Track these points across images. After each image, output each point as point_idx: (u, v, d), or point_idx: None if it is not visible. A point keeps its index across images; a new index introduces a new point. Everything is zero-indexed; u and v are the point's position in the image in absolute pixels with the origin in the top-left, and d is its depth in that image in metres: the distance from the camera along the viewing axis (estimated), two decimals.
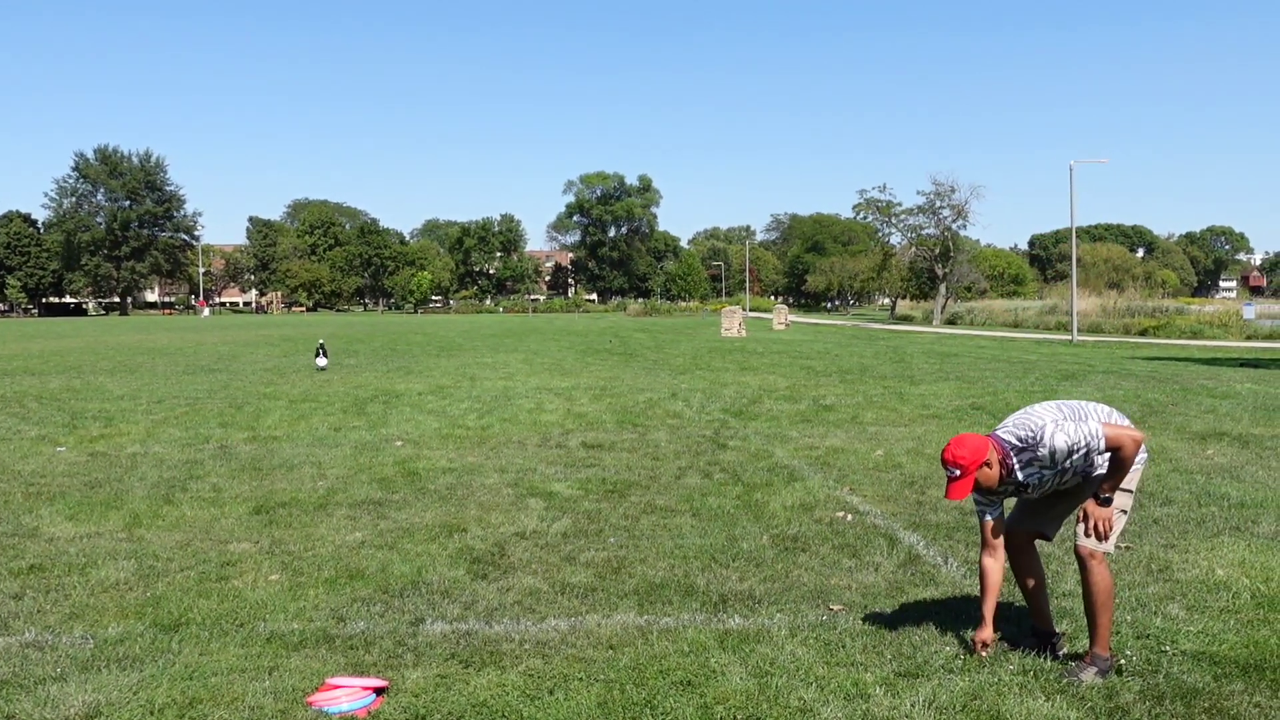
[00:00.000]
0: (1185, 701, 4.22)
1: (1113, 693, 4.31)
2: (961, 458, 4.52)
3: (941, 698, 4.27)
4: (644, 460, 10.36)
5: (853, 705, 4.22)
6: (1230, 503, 8.13)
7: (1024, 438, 4.56)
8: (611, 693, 4.36)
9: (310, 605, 5.59)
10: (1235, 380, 19.93)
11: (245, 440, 11.74)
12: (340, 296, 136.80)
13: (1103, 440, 4.43)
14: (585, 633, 5.12)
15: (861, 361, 25.75)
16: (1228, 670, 4.54)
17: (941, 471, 9.59)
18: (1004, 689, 4.36)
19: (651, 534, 7.20)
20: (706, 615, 5.41)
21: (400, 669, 4.66)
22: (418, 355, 28.69)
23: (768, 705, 4.23)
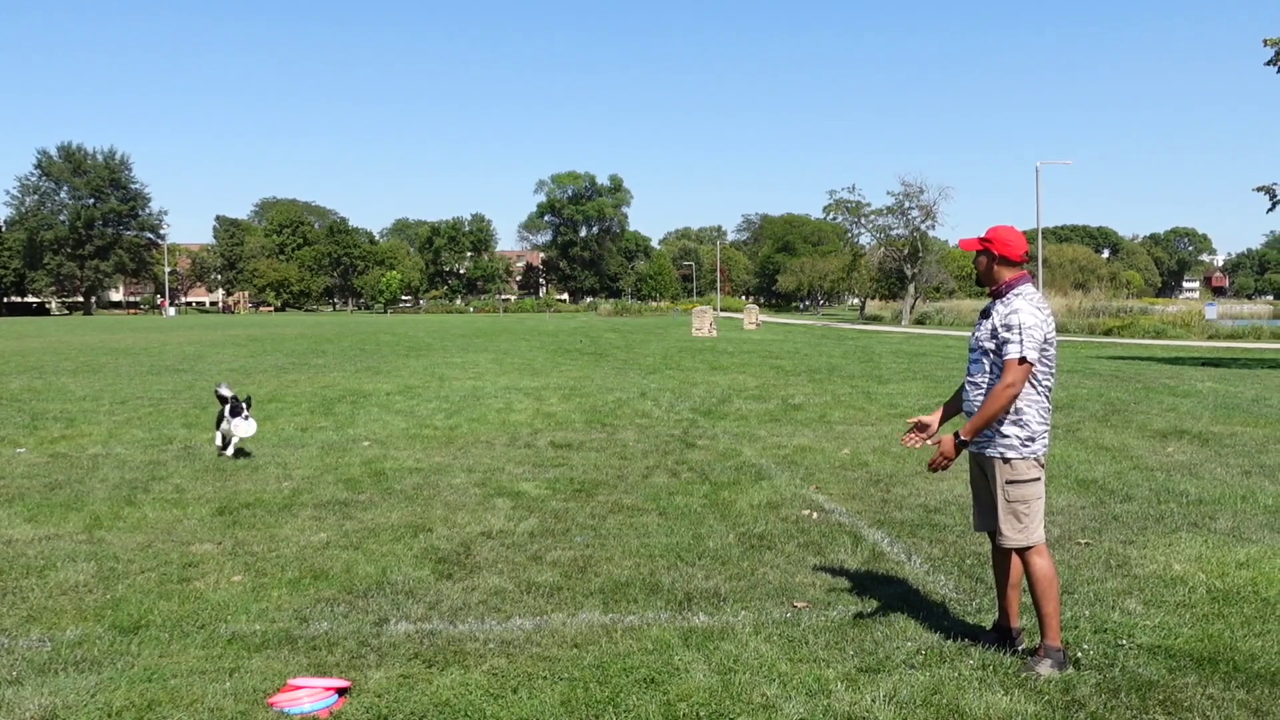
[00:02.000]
0: (1140, 694, 4.28)
1: (1069, 686, 4.37)
2: (996, 231, 4.80)
3: (902, 693, 4.31)
4: (612, 460, 10.36)
5: (814, 701, 4.25)
6: (1189, 499, 8.25)
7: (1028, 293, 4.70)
8: (575, 691, 4.37)
9: (273, 606, 5.55)
10: (1196, 379, 20.20)
11: (210, 441, 11.63)
12: (309, 296, 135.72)
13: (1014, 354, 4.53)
14: (550, 632, 5.13)
15: (830, 361, 25.88)
16: (1182, 663, 4.61)
17: (905, 469, 9.69)
18: (963, 683, 4.41)
19: (618, 533, 7.21)
20: (671, 613, 5.43)
21: (363, 669, 4.64)
22: (386, 355, 28.55)
23: (730, 702, 4.25)
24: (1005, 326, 4.62)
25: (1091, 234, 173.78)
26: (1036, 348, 4.57)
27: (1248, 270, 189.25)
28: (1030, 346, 4.55)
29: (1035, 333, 4.56)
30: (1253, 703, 4.20)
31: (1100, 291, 71.98)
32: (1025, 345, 4.54)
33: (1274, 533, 7.13)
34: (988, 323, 4.77)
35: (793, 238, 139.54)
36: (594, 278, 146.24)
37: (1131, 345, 37.71)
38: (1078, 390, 17.32)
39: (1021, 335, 4.55)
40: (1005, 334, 4.61)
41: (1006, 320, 4.63)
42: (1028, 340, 4.55)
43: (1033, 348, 4.55)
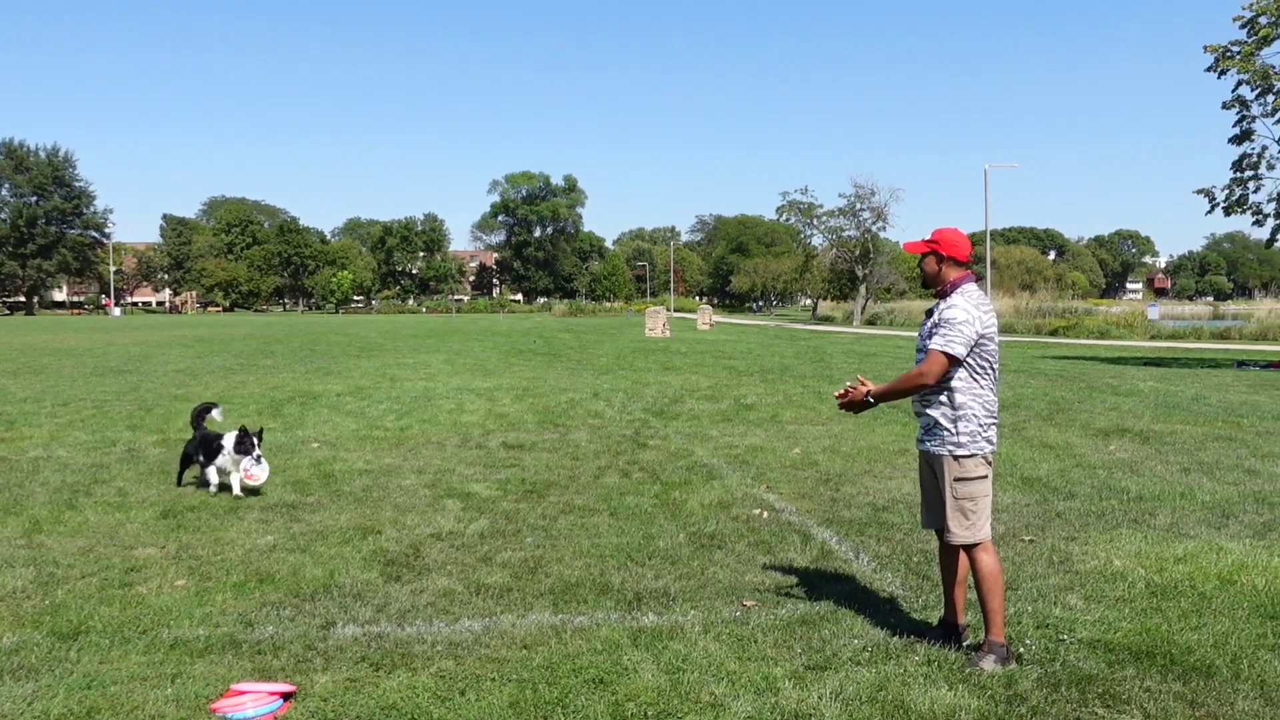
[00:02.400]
0: (1080, 688, 4.36)
1: (1012, 681, 4.44)
2: (941, 233, 4.93)
3: (848, 689, 4.35)
4: (564, 460, 10.35)
5: (762, 699, 4.28)
6: (1130, 496, 8.41)
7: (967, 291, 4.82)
8: (523, 692, 4.36)
9: (217, 610, 5.48)
10: (1138, 379, 20.60)
11: (155, 443, 11.46)
12: (258, 296, 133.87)
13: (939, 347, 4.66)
14: (499, 633, 5.11)
15: (783, 361, 26.04)
16: (1121, 657, 4.71)
17: (854, 468, 9.78)
18: (909, 679, 4.46)
19: (569, 533, 7.21)
20: (621, 613, 5.43)
21: (309, 673, 4.60)
22: (337, 356, 28.26)
23: (679, 701, 4.26)
24: (940, 322, 4.73)
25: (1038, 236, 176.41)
26: (965, 344, 4.66)
27: (1189, 272, 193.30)
28: (957, 343, 4.64)
29: (966, 329, 4.66)
30: (1188, 694, 4.30)
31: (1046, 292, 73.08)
32: (951, 341, 4.64)
33: (1211, 528, 7.29)
34: (929, 321, 4.87)
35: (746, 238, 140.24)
36: (548, 278, 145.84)
37: (1076, 345, 38.37)
38: (1024, 390, 17.58)
39: (951, 330, 4.66)
40: (937, 328, 4.72)
41: (942, 315, 4.74)
42: (956, 336, 4.65)
43: (959, 344, 4.65)
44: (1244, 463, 10.03)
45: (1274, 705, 4.19)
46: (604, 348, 33.23)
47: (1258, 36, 25.74)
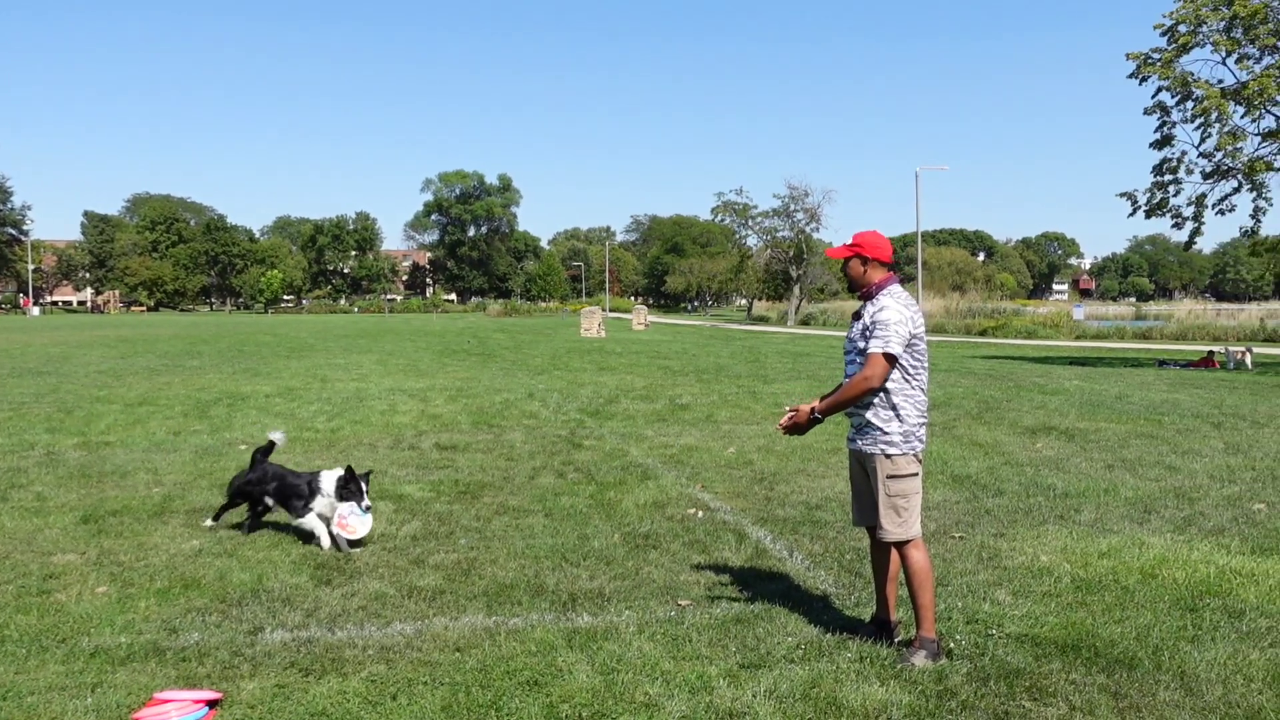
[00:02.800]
0: (1008, 682, 4.44)
1: (942, 676, 4.50)
2: (863, 236, 5.00)
3: (782, 687, 4.37)
4: (498, 461, 10.28)
5: (697, 698, 4.28)
6: (1056, 493, 8.59)
7: (894, 291, 4.88)
8: (456, 696, 4.31)
9: (140, 617, 5.34)
10: (1064, 378, 21.09)
11: (75, 446, 11.14)
12: (184, 296, 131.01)
13: (878, 349, 4.69)
14: (432, 636, 5.05)
15: (718, 361, 26.17)
16: (1047, 651, 4.80)
17: (788, 467, 9.85)
18: (841, 676, 4.50)
19: (503, 535, 7.15)
20: (556, 614, 5.40)
21: (236, 680, 4.49)
22: (266, 356, 27.76)
23: (613, 701, 4.25)
24: (873, 324, 4.77)
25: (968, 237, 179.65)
26: (901, 343, 4.71)
27: (1112, 273, 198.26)
28: (895, 342, 4.69)
29: (901, 329, 4.71)
30: (1112, 686, 4.39)
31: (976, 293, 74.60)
32: (890, 341, 4.69)
33: (1133, 523, 7.47)
34: (859, 323, 4.90)
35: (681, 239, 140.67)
36: (482, 278, 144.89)
37: (1005, 345, 39.15)
38: (954, 389, 17.88)
39: (887, 331, 4.70)
40: (872, 330, 4.76)
41: (875, 317, 4.78)
42: (893, 337, 4.70)
43: (897, 343, 4.70)
44: (1165, 459, 10.31)
45: (1194, 695, 4.30)
46: (539, 348, 33.10)
47: (1177, 44, 26.51)
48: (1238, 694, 4.30)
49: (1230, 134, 26.08)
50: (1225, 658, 4.70)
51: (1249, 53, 26.05)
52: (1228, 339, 41.65)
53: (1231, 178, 27.22)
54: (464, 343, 36.46)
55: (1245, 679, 4.46)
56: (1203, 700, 4.24)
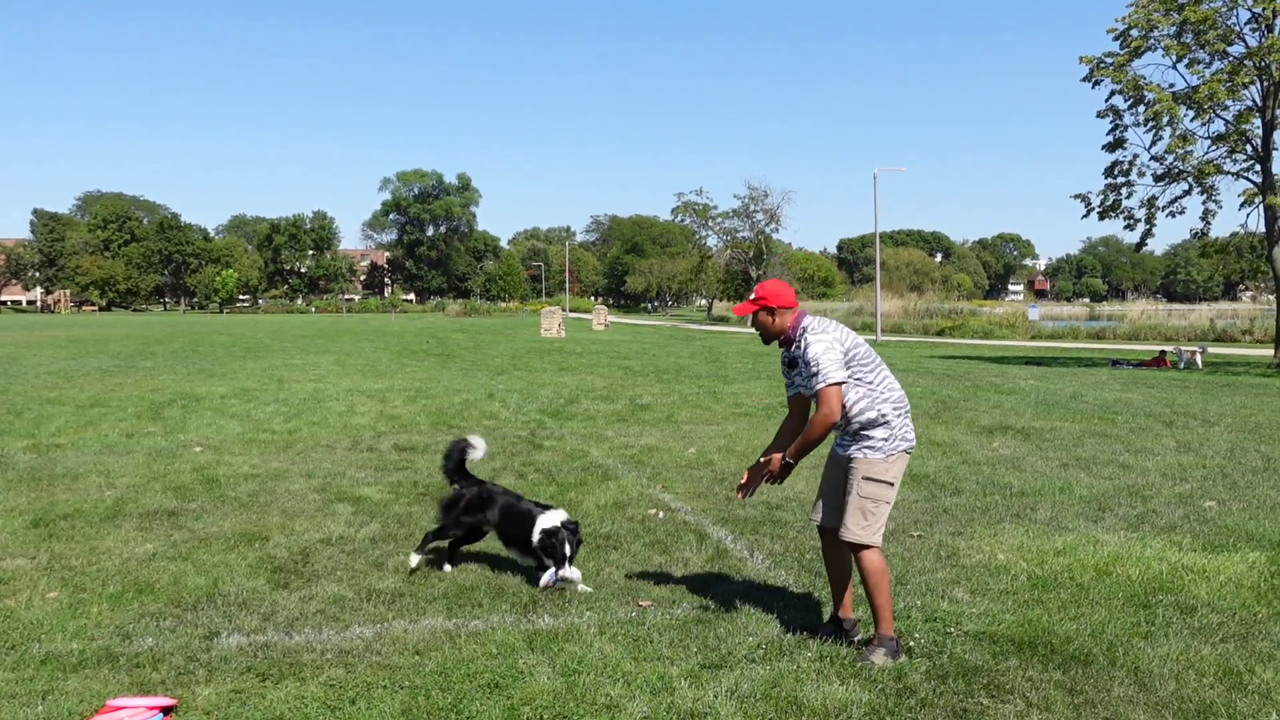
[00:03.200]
0: (966, 679, 4.48)
1: (901, 674, 4.53)
2: (764, 289, 5.04)
3: (743, 687, 4.38)
4: None
5: (658, 699, 4.27)
6: (1012, 492, 8.69)
7: (810, 326, 4.92)
8: (416, 699, 4.27)
9: (92, 623, 5.24)
10: (1020, 377, 21.35)
11: (24, 449, 10.93)
12: (137, 295, 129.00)
13: (822, 383, 4.73)
14: (391, 639, 5.00)
15: (678, 361, 26.21)
16: (1004, 648, 4.85)
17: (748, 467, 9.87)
18: (802, 675, 4.52)
19: None
20: (516, 616, 5.38)
21: (191, 685, 4.43)
22: (221, 357, 27.41)
23: (575, 703, 4.23)
24: (806, 363, 4.83)
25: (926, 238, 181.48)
26: (838, 367, 4.76)
27: (1066, 274, 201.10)
28: (833, 371, 4.73)
29: (832, 354, 4.76)
30: (1068, 682, 4.44)
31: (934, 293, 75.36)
32: (828, 373, 4.73)
33: (1088, 521, 7.58)
34: (795, 372, 5.00)
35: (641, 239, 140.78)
36: (441, 278, 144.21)
37: (962, 345, 39.56)
38: (912, 389, 18.03)
39: (819, 365, 4.75)
40: (807, 369, 4.81)
41: (804, 358, 4.84)
42: (827, 366, 4.74)
43: (837, 369, 4.74)
44: (1118, 458, 10.46)
45: (1147, 690, 4.36)
46: (499, 348, 32.97)
47: (1130, 49, 26.94)
48: (1190, 689, 4.37)
49: (1181, 137, 26.54)
50: (1178, 653, 4.77)
51: (1199, 57, 26.53)
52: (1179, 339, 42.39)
53: (1182, 180, 27.73)
54: (423, 343, 36.23)
55: (1197, 674, 4.53)
56: (1156, 695, 4.31)
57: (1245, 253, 29.17)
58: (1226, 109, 26.46)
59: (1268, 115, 25.82)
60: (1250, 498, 8.46)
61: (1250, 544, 6.87)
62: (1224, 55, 26.16)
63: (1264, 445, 11.41)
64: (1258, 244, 28.12)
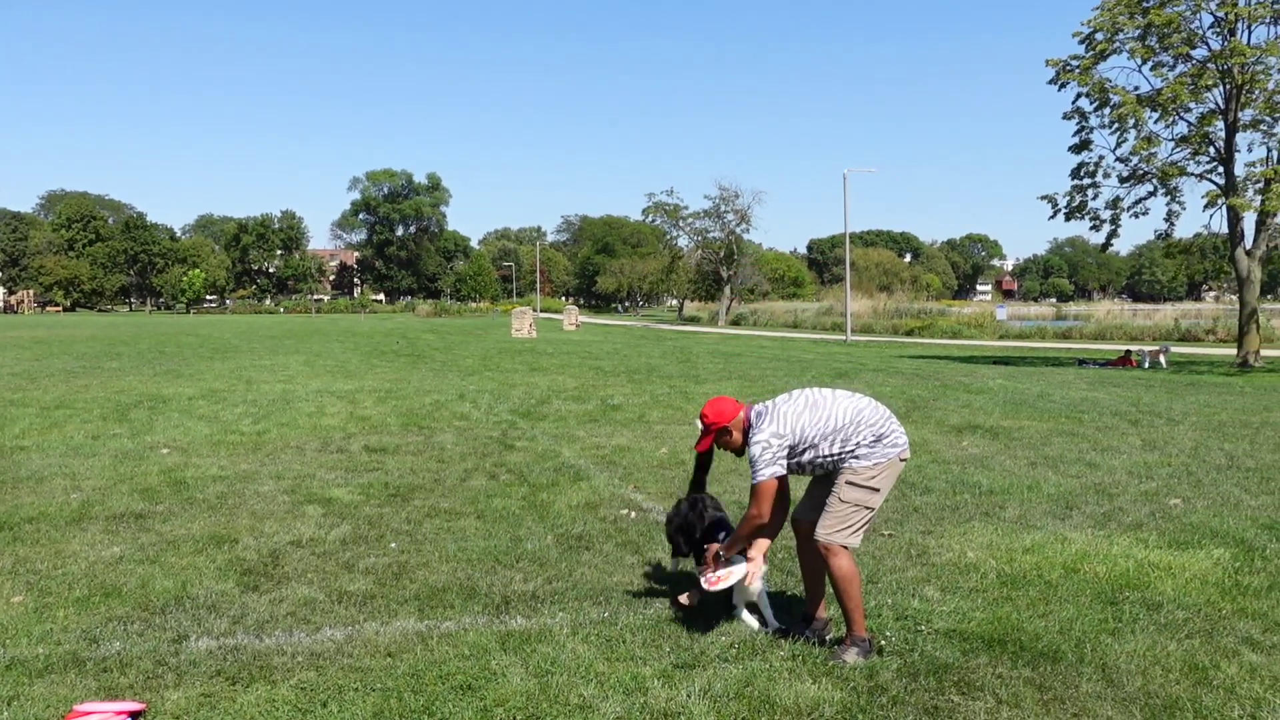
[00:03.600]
0: (937, 676, 4.51)
1: (873, 672, 4.56)
2: (707, 416, 5.10)
3: (716, 687, 4.39)
4: (429, 463, 10.18)
5: (631, 699, 4.28)
6: (981, 490, 8.76)
7: (753, 423, 5.00)
8: (388, 701, 4.25)
9: (58, 627, 5.18)
10: (988, 377, 21.53)
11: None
12: (102, 295, 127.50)
13: (758, 477, 4.83)
14: (363, 641, 4.97)
15: (649, 362, 26.22)
16: (975, 645, 4.89)
17: (720, 468, 9.89)
18: (774, 674, 4.54)
19: (435, 537, 7.08)
20: (489, 617, 5.36)
21: (160, 690, 4.38)
22: (188, 358, 27.13)
23: (548, 704, 4.23)
24: (751, 464, 4.91)
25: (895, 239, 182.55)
26: (781, 462, 4.84)
27: (1033, 275, 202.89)
28: (768, 467, 4.81)
29: (770, 452, 4.82)
30: (1037, 679, 4.49)
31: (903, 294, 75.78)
32: (761, 471, 4.81)
33: (1056, 519, 7.65)
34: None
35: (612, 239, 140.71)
36: (411, 278, 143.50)
37: (931, 345, 39.84)
38: (882, 389, 18.14)
39: (757, 464, 4.84)
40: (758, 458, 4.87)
41: (750, 459, 4.93)
42: (764, 463, 4.82)
43: (775, 466, 4.82)
44: (1085, 456, 10.57)
45: (1114, 686, 4.41)
46: (470, 349, 32.86)
47: (1095, 52, 27.24)
48: (1156, 684, 4.43)
49: (1145, 139, 26.87)
50: (1144, 649, 4.83)
51: (1163, 60, 26.87)
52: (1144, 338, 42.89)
53: (1146, 182, 28.06)
54: (393, 343, 36.05)
55: (1164, 670, 4.59)
56: (1123, 691, 4.36)
57: (1208, 253, 29.57)
58: (1190, 111, 26.83)
59: (1230, 117, 26.19)
60: (1215, 495, 8.58)
61: (1215, 541, 6.97)
62: (1187, 58, 26.52)
63: (1227, 443, 11.58)
64: (1220, 245, 28.52)
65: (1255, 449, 11.14)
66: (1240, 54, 24.99)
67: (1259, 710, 4.19)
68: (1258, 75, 25.55)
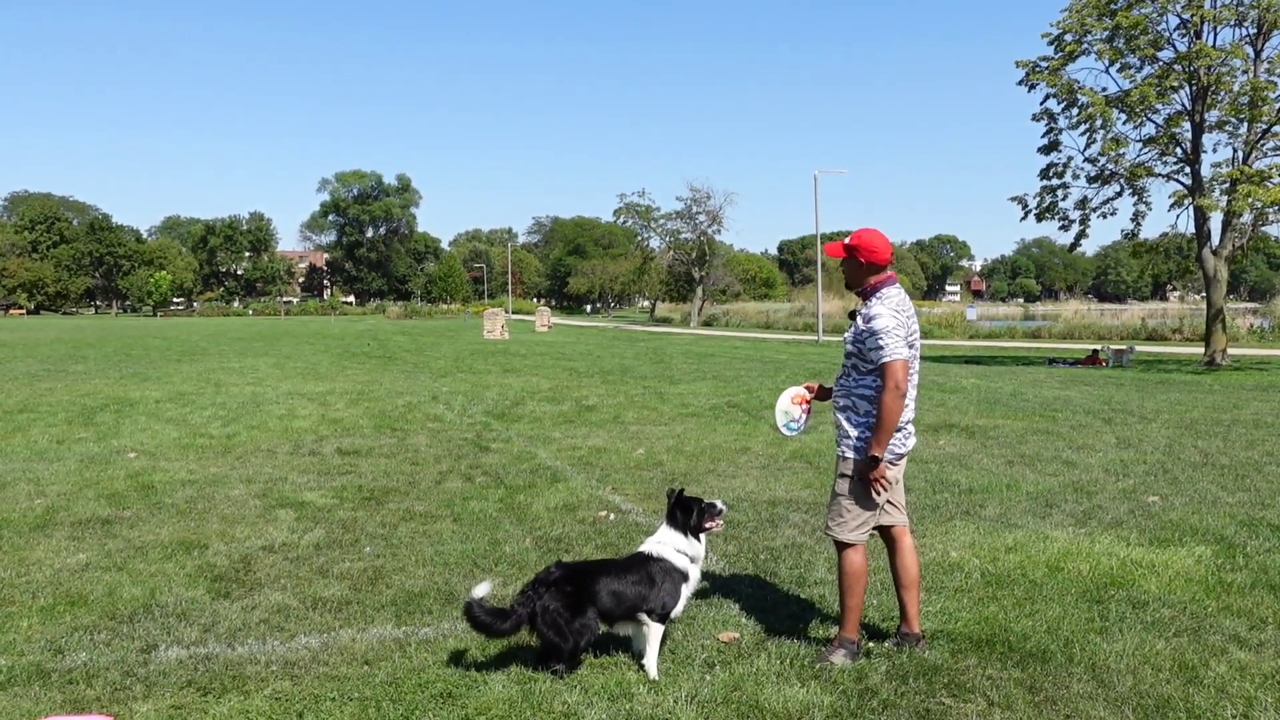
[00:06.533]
0: (927, 679, 4.44)
1: (862, 675, 4.48)
2: (858, 237, 4.75)
3: (703, 692, 4.30)
4: (403, 465, 10.02)
5: (617, 706, 4.17)
6: (960, 489, 8.72)
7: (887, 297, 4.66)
8: (367, 711, 4.13)
9: (22, 638, 5.01)
10: (961, 376, 21.59)
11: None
12: (67, 298, 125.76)
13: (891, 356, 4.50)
14: (339, 649, 4.84)
15: (623, 362, 26.11)
16: (963, 646, 4.82)
17: (698, 468, 9.81)
18: (762, 679, 4.45)
19: (410, 541, 6.94)
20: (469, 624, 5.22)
21: (128, 702, 4.23)
22: (155, 361, 26.76)
23: (531, 712, 4.12)
24: (870, 332, 4.60)
25: None
26: (902, 343, 4.56)
27: (1002, 275, 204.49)
28: (900, 346, 4.54)
29: (898, 333, 4.56)
30: (1027, 680, 4.43)
31: None
32: (894, 350, 4.52)
33: (1036, 518, 7.62)
34: (854, 327, 4.77)
35: (584, 240, 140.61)
36: (382, 280, 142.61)
37: None
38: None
39: (885, 338, 4.53)
40: (869, 340, 4.59)
41: (870, 326, 4.60)
42: (892, 342, 4.53)
43: (903, 345, 4.55)
44: (1062, 454, 10.58)
45: (1105, 686, 4.36)
46: (442, 350, 32.62)
47: (1064, 53, 27.43)
48: (1147, 684, 4.38)
49: (1113, 140, 27.09)
50: (1133, 648, 4.79)
51: (1130, 62, 27.10)
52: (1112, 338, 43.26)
53: (1114, 182, 28.29)
54: (364, 345, 35.74)
55: (1154, 669, 4.54)
56: (1114, 691, 4.31)
57: (1174, 253, 29.84)
58: (1157, 112, 27.07)
59: (1196, 118, 26.45)
60: (1191, 492, 8.59)
61: (1195, 538, 6.96)
62: (1154, 60, 26.76)
63: (1200, 440, 11.63)
64: (1186, 245, 28.78)
65: (1228, 446, 11.19)
66: (1206, 56, 25.24)
67: (1251, 709, 4.15)
68: (1223, 77, 25.82)
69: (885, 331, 4.55)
